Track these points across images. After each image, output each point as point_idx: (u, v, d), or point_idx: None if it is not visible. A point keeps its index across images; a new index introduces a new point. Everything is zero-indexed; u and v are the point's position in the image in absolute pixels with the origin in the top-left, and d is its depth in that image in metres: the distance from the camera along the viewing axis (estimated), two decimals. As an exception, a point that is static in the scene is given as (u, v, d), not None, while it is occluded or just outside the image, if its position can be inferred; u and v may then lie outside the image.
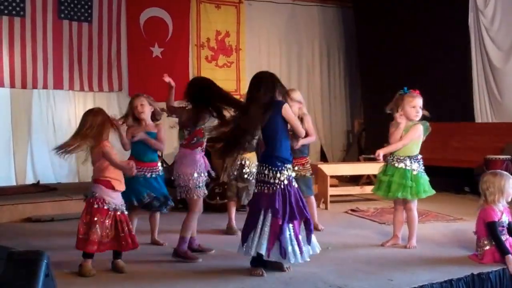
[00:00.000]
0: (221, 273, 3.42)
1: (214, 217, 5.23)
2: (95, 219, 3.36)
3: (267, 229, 3.27)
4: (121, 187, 3.50)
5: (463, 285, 3.26)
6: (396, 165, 3.99)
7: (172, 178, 3.90)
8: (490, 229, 3.59)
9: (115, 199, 3.45)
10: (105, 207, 3.39)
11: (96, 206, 3.38)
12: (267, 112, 3.31)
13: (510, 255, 3.49)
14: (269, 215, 3.27)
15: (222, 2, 8.21)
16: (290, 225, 3.30)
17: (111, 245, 3.43)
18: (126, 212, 3.52)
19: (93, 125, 3.40)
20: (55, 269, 2.66)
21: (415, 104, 3.93)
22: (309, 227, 3.38)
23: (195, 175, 3.74)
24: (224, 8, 8.23)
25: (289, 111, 3.39)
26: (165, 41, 7.74)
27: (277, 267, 3.44)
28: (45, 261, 2.40)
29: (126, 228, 3.44)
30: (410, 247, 4.02)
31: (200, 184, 3.78)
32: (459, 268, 3.44)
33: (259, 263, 3.38)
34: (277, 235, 3.24)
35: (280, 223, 3.25)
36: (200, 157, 3.80)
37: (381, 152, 3.90)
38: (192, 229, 3.86)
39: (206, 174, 3.85)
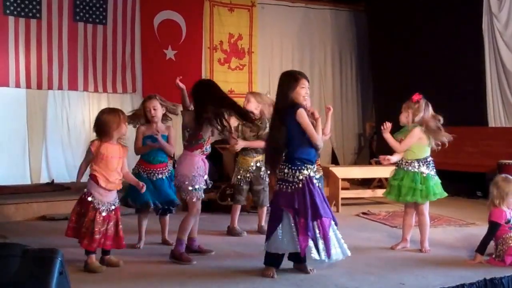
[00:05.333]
0: (232, 273, 3.44)
1: (224, 218, 5.24)
2: (83, 211, 3.49)
3: (293, 229, 3.25)
4: (108, 185, 3.48)
5: (475, 290, 3.25)
6: (405, 168, 4.03)
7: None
8: (491, 227, 3.68)
9: (103, 196, 3.47)
10: (89, 199, 3.47)
11: (83, 197, 3.52)
12: (282, 117, 3.36)
13: (479, 254, 3.67)
14: (291, 214, 3.26)
15: (235, 6, 8.23)
16: (315, 222, 3.23)
17: (111, 243, 3.50)
18: (113, 212, 3.52)
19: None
20: (69, 266, 2.70)
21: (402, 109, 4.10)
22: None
23: (192, 177, 3.71)
24: (237, 11, 8.26)
25: (303, 116, 3.31)
26: (178, 43, 7.79)
27: (300, 269, 3.44)
28: (59, 258, 2.42)
29: (113, 228, 3.50)
30: (425, 251, 4.01)
31: (197, 187, 3.73)
32: (471, 273, 3.42)
33: (272, 263, 3.39)
34: (306, 233, 3.22)
35: (303, 220, 3.23)
36: (198, 159, 3.76)
37: (389, 157, 4.04)
38: (189, 231, 3.83)
39: (205, 177, 3.79)
